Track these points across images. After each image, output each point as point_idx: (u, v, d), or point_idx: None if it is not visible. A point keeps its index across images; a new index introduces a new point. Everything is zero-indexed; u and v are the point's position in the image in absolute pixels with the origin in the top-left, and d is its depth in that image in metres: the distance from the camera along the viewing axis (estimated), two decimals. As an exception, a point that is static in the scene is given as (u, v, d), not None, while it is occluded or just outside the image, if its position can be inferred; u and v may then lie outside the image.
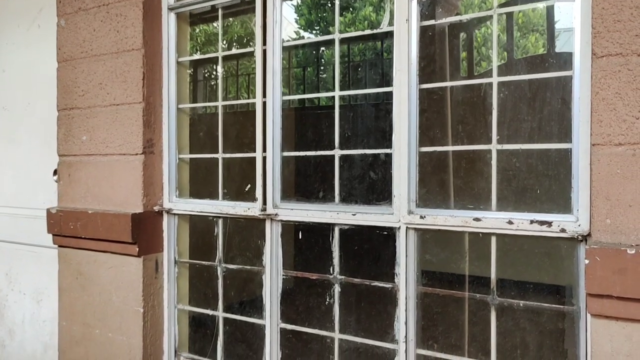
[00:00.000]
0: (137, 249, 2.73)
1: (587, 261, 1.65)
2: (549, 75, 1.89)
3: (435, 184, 2.11)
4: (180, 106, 2.85)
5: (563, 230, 1.82)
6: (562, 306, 1.89)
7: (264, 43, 2.51)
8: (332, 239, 2.35)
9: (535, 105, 1.95)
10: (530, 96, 2.02)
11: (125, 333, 2.81)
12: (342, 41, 2.59)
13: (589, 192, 1.74)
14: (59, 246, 3.06)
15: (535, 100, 1.96)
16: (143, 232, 2.75)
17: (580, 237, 1.78)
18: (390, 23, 2.20)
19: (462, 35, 3.42)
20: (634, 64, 1.64)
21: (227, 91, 6.79)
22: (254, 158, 2.54)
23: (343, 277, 2.36)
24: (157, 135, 2.83)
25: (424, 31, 2.13)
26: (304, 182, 3.94)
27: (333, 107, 2.40)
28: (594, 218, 1.71)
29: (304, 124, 4.84)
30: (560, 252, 1.87)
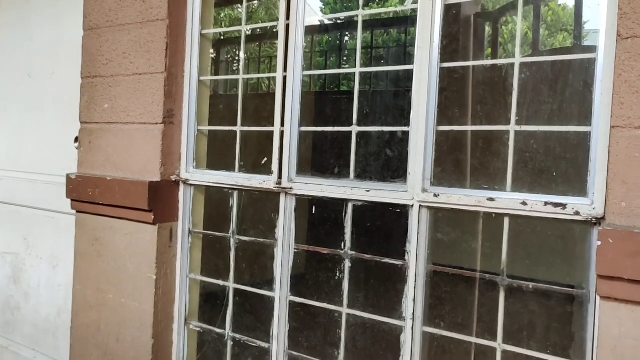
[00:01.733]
0: (153, 217, 2.77)
1: (599, 242, 1.65)
2: (573, 57, 1.87)
3: (450, 163, 2.11)
4: (201, 78, 2.87)
5: (577, 213, 1.81)
6: (572, 289, 1.89)
7: (287, 17, 2.52)
8: (345, 215, 2.37)
9: (557, 88, 1.94)
10: (552, 78, 2.01)
11: (138, 299, 2.86)
12: (366, 27, 2.58)
13: (606, 175, 1.73)
14: (77, 212, 3.12)
15: (557, 83, 1.95)
16: (159, 200, 2.78)
17: (594, 220, 1.77)
18: (415, 1, 2.19)
19: (487, 23, 3.40)
20: (659, 47, 1.62)
21: (249, 70, 6.81)
22: (272, 132, 2.56)
23: (354, 252, 2.37)
24: (177, 106, 2.86)
25: (447, 10, 2.13)
26: (320, 157, 3.95)
27: (353, 91, 2.41)
28: (609, 201, 1.70)
29: (324, 103, 4.85)
30: (574, 235, 1.86)
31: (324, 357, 2.43)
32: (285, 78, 2.52)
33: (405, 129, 2.20)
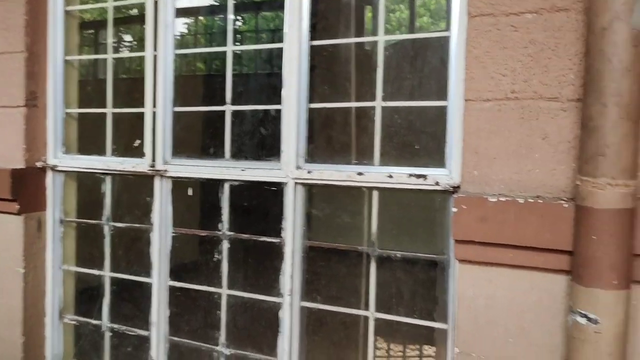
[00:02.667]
0: (18, 207, 2.58)
1: (455, 209, 1.75)
2: (430, 35, 1.97)
3: (323, 139, 2.15)
4: (67, 58, 2.70)
5: (437, 183, 1.92)
6: (435, 255, 2.00)
7: (156, -6, 2.43)
8: (222, 195, 2.34)
9: (417, 65, 2.03)
10: (413, 56, 2.10)
11: (5, 295, 2.66)
12: (243, 9, 2.54)
13: (461, 146, 1.83)
14: None
15: (417, 60, 2.05)
16: (24, 189, 2.60)
17: (451, 189, 1.88)
18: (283, -21, 2.19)
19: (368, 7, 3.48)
20: (503, 24, 1.73)
21: (119, 51, 6.50)
22: (144, 113, 2.47)
23: (232, 233, 2.35)
24: (41, 87, 2.67)
25: (315, -12, 2.15)
26: (196, 138, 3.88)
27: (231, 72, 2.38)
28: (464, 171, 1.81)
29: (198, 84, 4.76)
30: (435, 204, 1.97)
31: (206, 340, 2.40)
32: (155, 57, 2.43)
33: (277, 107, 2.20)
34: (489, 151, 1.76)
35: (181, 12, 2.36)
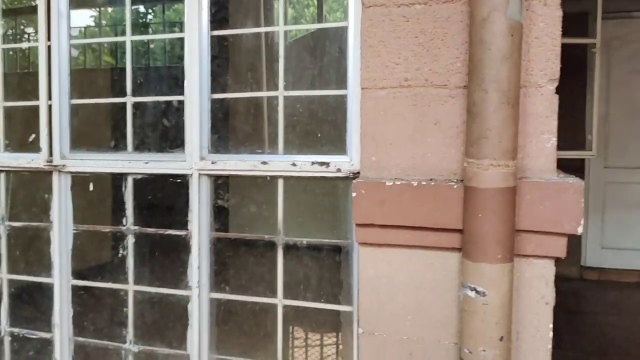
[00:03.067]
0: None
1: (354, 194, 1.80)
2: (329, 26, 2.01)
3: (227, 130, 2.15)
4: (-49, 48, 2.53)
5: (339, 170, 1.97)
6: (339, 240, 2.05)
7: (48, -19, 2.32)
8: (126, 189, 2.28)
9: (318, 55, 2.08)
10: (313, 46, 2.14)
11: None
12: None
13: (360, 133, 1.89)
14: None
15: (317, 50, 2.09)
16: None
17: (352, 174, 1.93)
18: (182, -33, 2.16)
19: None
20: (395, 15, 1.80)
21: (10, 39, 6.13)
22: (39, 107, 2.35)
23: (137, 227, 2.30)
24: None
25: (214, -23, 2.13)
26: (98, 131, 3.75)
27: (134, 64, 2.32)
28: (363, 157, 1.87)
29: (104, 77, 4.61)
30: (338, 190, 2.02)
31: (113, 338, 2.34)
32: (49, 48, 2.33)
33: (180, 98, 2.17)
34: (385, 137, 1.83)
35: (80, 3, 2.26)
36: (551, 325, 1.70)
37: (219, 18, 2.09)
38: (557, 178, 1.66)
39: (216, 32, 2.15)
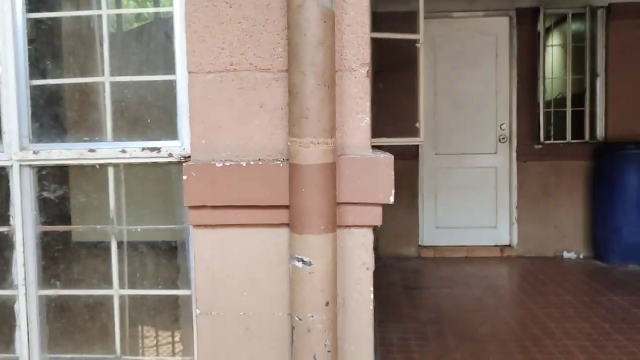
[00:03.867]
0: None
1: (185, 177, 1.82)
2: (155, 10, 2.00)
3: (50, 118, 2.03)
4: None
5: (171, 155, 1.97)
6: (174, 225, 2.06)
7: None
8: None
9: (144, 40, 2.06)
10: (139, 31, 2.12)
11: None
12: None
13: (189, 117, 1.91)
14: None
15: (144, 35, 2.07)
16: None
17: (183, 159, 1.95)
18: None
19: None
20: (218, 1, 1.85)
21: None
22: None
23: (-51, 226, 2.11)
24: None
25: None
26: None
27: None
28: (193, 140, 1.89)
29: None
30: (172, 175, 2.02)
31: None
32: None
33: (-6, 84, 2.02)
34: (214, 120, 1.87)
35: None
36: (372, 289, 1.87)
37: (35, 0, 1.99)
38: (371, 154, 1.83)
39: (33, 15, 2.03)
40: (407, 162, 6.09)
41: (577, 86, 6.01)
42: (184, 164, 1.83)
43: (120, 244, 2.05)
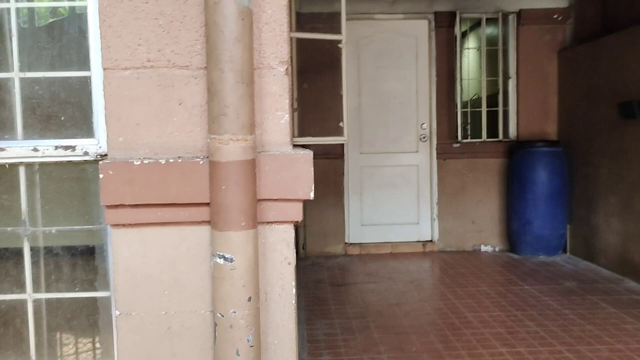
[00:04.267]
0: None
1: (102, 175, 1.78)
2: (68, 4, 1.94)
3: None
4: None
5: (86, 153, 1.92)
6: (92, 226, 2.01)
7: None
8: None
9: (56, 35, 1.99)
10: (51, 25, 2.05)
11: None
12: None
13: (105, 115, 1.87)
14: None
15: (56, 29, 2.00)
16: None
17: (100, 157, 1.91)
18: None
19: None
20: (134, -4, 1.82)
21: None
22: None
23: None
24: None
25: None
26: None
27: None
28: (109, 138, 1.85)
29: None
30: (88, 174, 1.97)
31: None
32: None
33: None
34: (132, 117, 1.84)
35: None
36: (294, 283, 1.90)
37: None
38: (291, 151, 1.86)
39: None
40: (333, 162, 6.20)
41: (491, 87, 6.33)
42: (100, 163, 1.79)
43: (34, 247, 1.97)
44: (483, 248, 6.33)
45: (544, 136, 6.19)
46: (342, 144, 6.08)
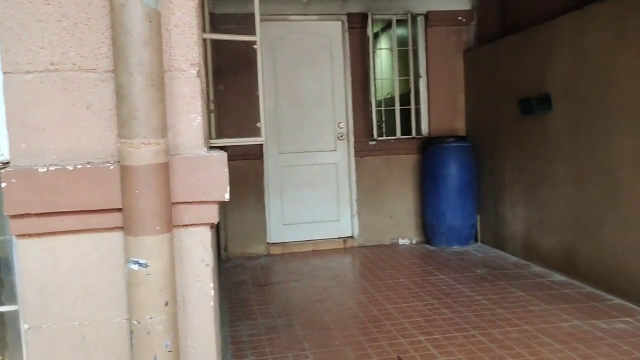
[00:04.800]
0: None
1: (4, 184, 1.70)
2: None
3: None
4: None
5: (-13, 161, 1.83)
6: (-5, 238, 1.91)
7: None
8: None
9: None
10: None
11: None
12: None
13: (6, 120, 1.78)
14: None
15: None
16: None
17: (2, 165, 1.82)
18: None
19: None
20: (34, -3, 1.75)
21: None
22: None
23: None
24: None
25: None
26: None
27: None
28: (12, 145, 1.77)
29: None
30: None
31: None
32: None
33: None
34: (36, 123, 1.77)
35: None
36: (212, 285, 1.91)
37: None
38: (205, 153, 1.86)
39: None
40: (252, 162, 6.20)
41: (404, 86, 6.56)
42: (1, 171, 1.71)
43: None
44: (401, 241, 6.55)
45: (453, 132, 6.49)
46: (261, 145, 6.09)
